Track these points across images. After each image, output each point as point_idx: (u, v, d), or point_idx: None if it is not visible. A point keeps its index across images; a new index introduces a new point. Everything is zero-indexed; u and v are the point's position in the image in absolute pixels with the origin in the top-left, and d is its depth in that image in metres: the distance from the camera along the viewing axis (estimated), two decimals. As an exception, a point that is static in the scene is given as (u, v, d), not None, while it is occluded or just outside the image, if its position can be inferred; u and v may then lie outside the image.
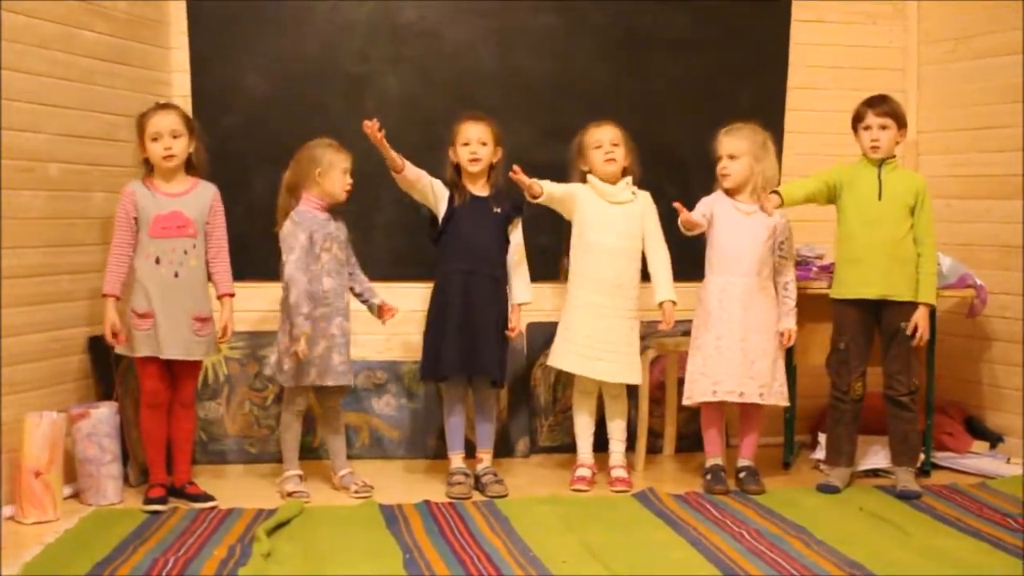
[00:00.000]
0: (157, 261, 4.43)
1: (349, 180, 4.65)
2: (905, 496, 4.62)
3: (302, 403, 4.73)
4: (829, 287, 4.93)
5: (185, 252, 4.46)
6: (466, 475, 4.75)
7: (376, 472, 5.00)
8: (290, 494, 4.57)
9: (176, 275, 4.44)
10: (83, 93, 4.72)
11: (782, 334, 4.78)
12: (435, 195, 4.72)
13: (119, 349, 4.53)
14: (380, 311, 4.83)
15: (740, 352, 4.69)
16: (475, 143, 4.71)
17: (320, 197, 4.62)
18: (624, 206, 4.81)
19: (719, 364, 4.71)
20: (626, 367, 4.82)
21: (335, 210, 4.70)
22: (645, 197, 4.86)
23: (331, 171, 4.60)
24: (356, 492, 4.65)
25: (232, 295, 4.60)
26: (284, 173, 4.68)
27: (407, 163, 4.61)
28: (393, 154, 4.55)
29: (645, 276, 4.88)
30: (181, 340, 4.44)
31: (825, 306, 4.90)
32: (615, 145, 4.78)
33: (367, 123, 4.43)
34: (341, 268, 4.68)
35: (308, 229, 4.57)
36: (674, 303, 4.79)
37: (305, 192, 4.62)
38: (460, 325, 4.65)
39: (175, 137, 4.44)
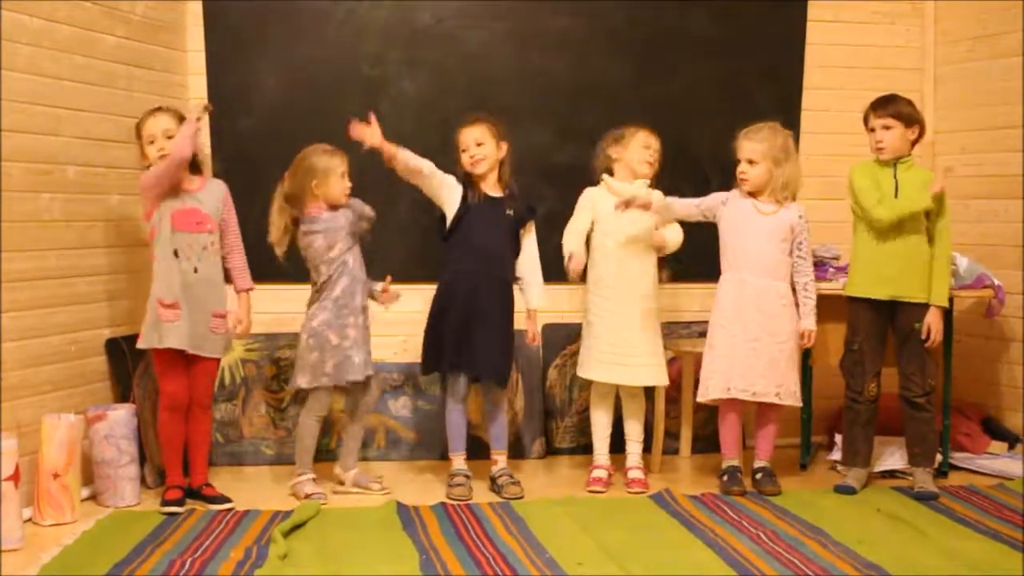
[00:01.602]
0: (176, 255, 4.44)
1: (348, 183, 4.63)
2: (922, 497, 4.61)
3: (324, 408, 4.71)
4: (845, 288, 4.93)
5: (204, 248, 4.47)
6: (467, 476, 4.75)
7: (392, 474, 5.01)
8: (307, 496, 4.57)
9: (196, 270, 4.45)
10: (101, 96, 4.75)
11: (802, 335, 4.77)
12: (445, 188, 4.69)
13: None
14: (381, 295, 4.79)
15: (753, 352, 4.68)
16: (472, 147, 4.69)
17: (324, 203, 4.62)
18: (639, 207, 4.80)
19: (733, 362, 4.70)
20: (652, 370, 4.82)
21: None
22: (658, 196, 4.84)
23: (328, 177, 4.57)
24: (380, 488, 4.69)
25: (251, 289, 4.62)
26: (279, 184, 4.65)
27: (400, 149, 4.55)
28: (386, 145, 4.51)
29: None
30: (200, 335, 4.46)
31: (842, 307, 4.89)
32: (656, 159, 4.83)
33: (356, 132, 4.46)
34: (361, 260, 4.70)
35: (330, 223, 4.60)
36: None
37: (310, 201, 4.60)
38: (462, 324, 4.63)
39: (169, 138, 4.44)
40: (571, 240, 4.80)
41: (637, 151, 4.81)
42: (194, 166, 4.54)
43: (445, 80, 5.44)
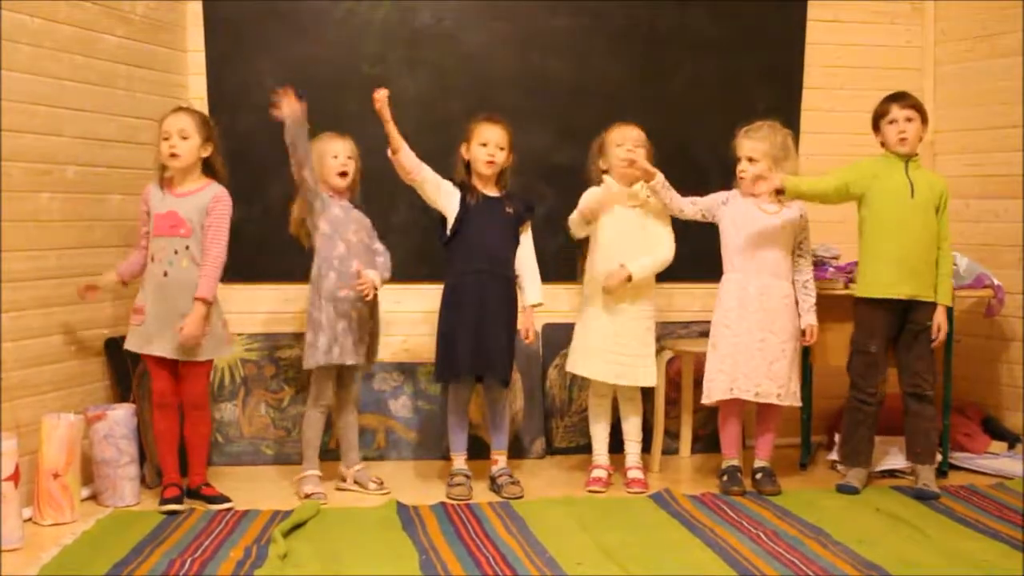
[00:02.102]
0: (152, 259, 4.45)
1: (342, 163, 4.66)
2: (923, 496, 4.60)
3: (329, 397, 4.71)
4: (846, 287, 4.92)
5: (176, 252, 4.43)
6: (467, 476, 4.75)
7: (392, 473, 5.00)
8: (308, 495, 4.57)
9: (165, 274, 4.42)
10: (101, 96, 4.75)
11: (804, 331, 4.77)
12: (443, 194, 4.68)
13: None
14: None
15: (758, 352, 4.68)
16: (493, 146, 4.68)
17: (327, 186, 4.66)
18: (638, 208, 4.80)
19: (737, 362, 4.69)
20: (641, 370, 4.80)
21: (355, 201, 4.72)
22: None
23: (322, 159, 4.63)
24: (377, 488, 4.71)
25: (204, 299, 4.38)
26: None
27: (405, 146, 4.56)
28: (395, 132, 4.52)
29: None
30: (170, 339, 4.42)
31: (843, 307, 4.89)
32: (638, 146, 4.77)
33: (377, 94, 4.44)
34: (368, 252, 4.71)
35: (330, 208, 4.62)
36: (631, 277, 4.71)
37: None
38: (474, 325, 4.63)
39: (183, 138, 4.44)
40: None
41: (614, 153, 4.79)
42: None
43: (445, 80, 5.43)
